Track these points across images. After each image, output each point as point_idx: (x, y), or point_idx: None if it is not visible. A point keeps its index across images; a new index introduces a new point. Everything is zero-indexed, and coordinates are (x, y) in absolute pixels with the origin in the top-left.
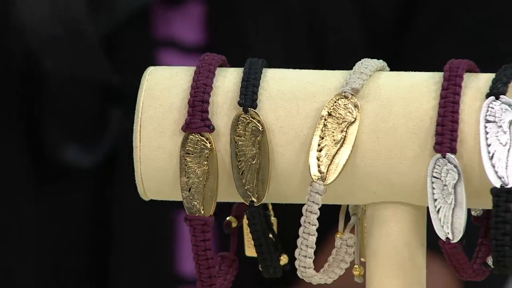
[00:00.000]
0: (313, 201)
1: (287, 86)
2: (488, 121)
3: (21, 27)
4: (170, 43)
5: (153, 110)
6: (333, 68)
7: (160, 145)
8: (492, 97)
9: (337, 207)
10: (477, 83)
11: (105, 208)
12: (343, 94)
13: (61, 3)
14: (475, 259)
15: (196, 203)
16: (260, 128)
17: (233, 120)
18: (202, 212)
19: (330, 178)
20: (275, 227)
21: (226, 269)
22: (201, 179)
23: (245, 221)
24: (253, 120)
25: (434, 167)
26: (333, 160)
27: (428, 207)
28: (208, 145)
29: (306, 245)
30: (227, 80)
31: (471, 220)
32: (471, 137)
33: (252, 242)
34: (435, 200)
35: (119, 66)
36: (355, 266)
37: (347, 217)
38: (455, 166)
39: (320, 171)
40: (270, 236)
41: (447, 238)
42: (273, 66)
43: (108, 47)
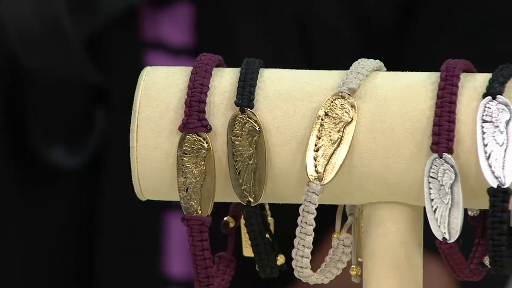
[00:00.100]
0: (310, 201)
1: (284, 86)
2: (485, 121)
3: (2, 26)
4: (158, 45)
5: (150, 110)
6: (324, 69)
7: (157, 145)
8: (489, 97)
9: (334, 207)
10: (474, 83)
11: (91, 208)
12: (340, 94)
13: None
14: (472, 259)
15: (193, 203)
16: (257, 128)
17: (230, 120)
18: (200, 212)
19: (327, 178)
20: (272, 227)
21: (224, 269)
22: (198, 179)
23: (242, 221)
24: (250, 120)
25: (431, 167)
26: (330, 160)
27: (425, 207)
28: (205, 145)
29: (303, 245)
30: (224, 80)
31: (468, 220)
32: (468, 137)
33: (250, 242)
34: (432, 200)
35: (107, 67)
36: (352, 266)
37: (344, 217)
38: (452, 166)
39: (317, 171)
40: (267, 236)
41: (444, 238)
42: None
43: (95, 48)
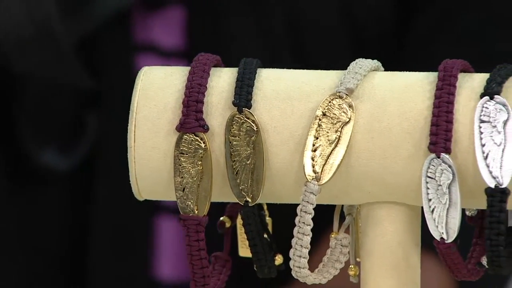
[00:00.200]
0: (307, 201)
1: (281, 86)
2: (482, 121)
3: None
4: (150, 48)
5: (147, 110)
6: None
7: (154, 145)
8: (487, 97)
9: (331, 207)
10: (471, 83)
11: (82, 211)
12: (337, 94)
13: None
14: (469, 259)
15: (190, 203)
16: (255, 128)
17: (227, 120)
18: (196, 212)
19: (325, 178)
20: (270, 227)
21: (220, 269)
22: (195, 179)
23: (238, 221)
24: (248, 120)
25: (429, 167)
26: (328, 160)
27: (422, 207)
28: (203, 145)
29: (301, 245)
30: (222, 80)
31: (466, 220)
32: (466, 137)
33: (246, 242)
34: (430, 200)
35: (99, 70)
36: (350, 266)
37: (342, 217)
38: (450, 166)
39: (314, 171)
40: (265, 236)
41: (442, 238)
42: None
43: (87, 51)
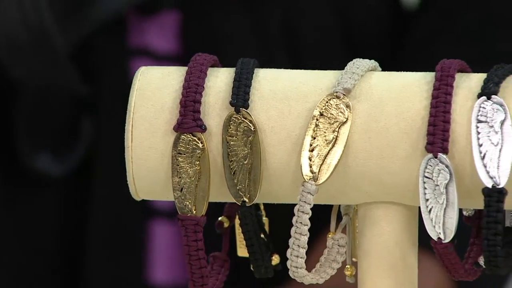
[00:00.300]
0: (305, 201)
1: (279, 86)
2: (479, 121)
3: None
4: (145, 52)
5: (145, 110)
6: None
7: (152, 145)
8: (484, 97)
9: (329, 207)
10: (468, 83)
11: (77, 216)
12: (335, 94)
13: (29, 12)
14: (466, 259)
15: (188, 203)
16: (252, 128)
17: (225, 120)
18: (194, 212)
19: (322, 178)
20: (267, 227)
21: (218, 269)
22: (193, 179)
23: (237, 221)
24: (245, 120)
25: (426, 167)
26: (325, 160)
27: (420, 207)
28: (200, 145)
29: (298, 245)
30: (219, 80)
31: (463, 220)
32: (463, 137)
33: (244, 242)
34: (427, 200)
35: (94, 74)
36: (347, 266)
37: (339, 217)
38: (447, 166)
39: (312, 171)
40: (262, 236)
41: (439, 238)
42: None
43: (82, 56)
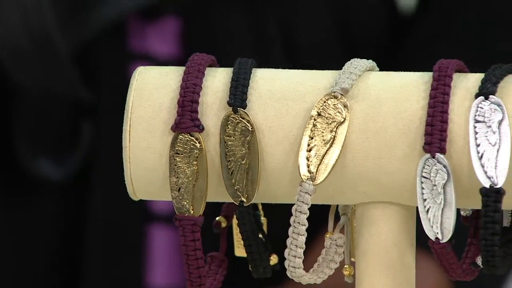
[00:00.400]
0: (302, 201)
1: (276, 86)
2: (477, 121)
3: None
4: (145, 57)
5: (142, 110)
6: None
7: (149, 145)
8: (482, 97)
9: (326, 207)
10: (466, 83)
11: (76, 221)
12: (332, 94)
13: (31, 17)
14: (464, 259)
15: (185, 203)
16: (250, 128)
17: (222, 120)
18: (192, 212)
19: (320, 178)
20: (265, 227)
21: (216, 269)
22: (190, 179)
23: (234, 221)
24: (243, 120)
25: (424, 167)
26: (323, 160)
27: (417, 207)
28: (198, 145)
29: (296, 245)
30: (217, 80)
31: (461, 220)
32: (461, 137)
33: (242, 242)
34: (425, 200)
35: (94, 79)
36: (345, 266)
37: (337, 217)
38: (445, 166)
39: (309, 171)
40: (260, 236)
41: (437, 238)
42: None
43: (83, 61)
